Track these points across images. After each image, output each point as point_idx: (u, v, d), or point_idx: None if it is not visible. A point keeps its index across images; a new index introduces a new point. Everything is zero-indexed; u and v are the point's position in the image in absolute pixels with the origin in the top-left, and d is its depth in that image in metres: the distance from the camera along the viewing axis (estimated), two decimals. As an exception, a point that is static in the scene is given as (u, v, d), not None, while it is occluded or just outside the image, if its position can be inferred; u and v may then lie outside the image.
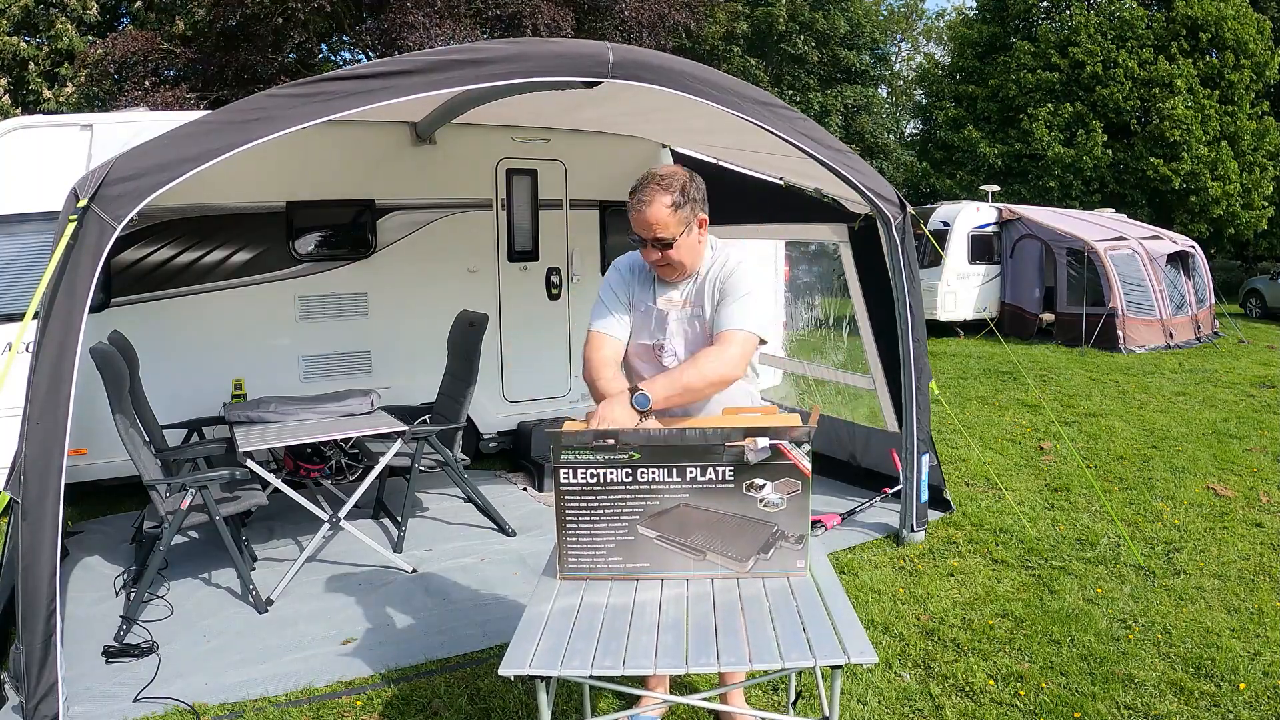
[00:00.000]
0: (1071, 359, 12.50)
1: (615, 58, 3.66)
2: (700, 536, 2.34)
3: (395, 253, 6.15)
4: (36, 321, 2.98)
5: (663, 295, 2.70)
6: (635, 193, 2.58)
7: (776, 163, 5.42)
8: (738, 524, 2.33)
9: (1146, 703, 3.23)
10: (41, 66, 15.39)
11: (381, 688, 3.37)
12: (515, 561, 4.67)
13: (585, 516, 2.33)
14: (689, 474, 2.30)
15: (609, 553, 2.36)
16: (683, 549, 2.35)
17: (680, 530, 2.34)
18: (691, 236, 2.61)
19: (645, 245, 2.60)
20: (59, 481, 2.96)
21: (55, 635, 2.96)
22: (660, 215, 2.53)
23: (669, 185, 2.56)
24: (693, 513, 2.32)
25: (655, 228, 2.54)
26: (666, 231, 2.56)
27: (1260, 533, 5.06)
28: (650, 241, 2.57)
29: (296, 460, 5.07)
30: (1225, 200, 23.06)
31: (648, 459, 2.29)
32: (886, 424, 5.63)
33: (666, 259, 2.61)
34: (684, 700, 2.37)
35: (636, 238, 2.61)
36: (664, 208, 2.53)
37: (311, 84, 3.24)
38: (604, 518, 2.33)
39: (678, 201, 2.55)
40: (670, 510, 2.32)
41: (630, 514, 2.32)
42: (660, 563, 2.35)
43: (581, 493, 2.32)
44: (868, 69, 32.20)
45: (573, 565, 2.37)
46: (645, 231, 2.56)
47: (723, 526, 2.32)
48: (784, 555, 2.34)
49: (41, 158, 5.12)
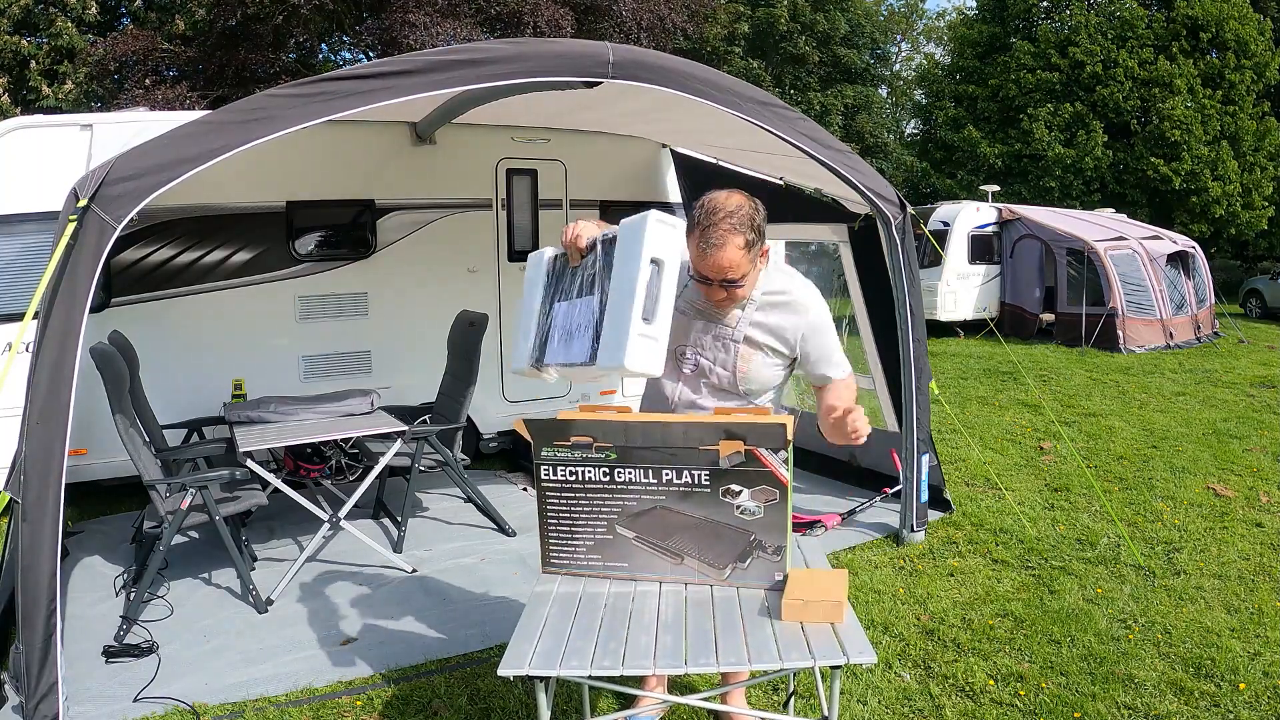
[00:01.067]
0: (1071, 359, 12.50)
1: (615, 58, 3.66)
2: (678, 540, 2.30)
3: (395, 253, 6.15)
4: (36, 321, 2.98)
5: (702, 303, 2.48)
6: (703, 230, 2.28)
7: (776, 163, 5.42)
8: (715, 529, 2.27)
9: (1146, 703, 3.23)
10: (42, 65, 15.40)
11: (381, 688, 3.37)
12: (515, 561, 4.67)
13: (565, 513, 2.34)
14: (664, 476, 2.24)
15: (588, 550, 2.36)
16: (661, 551, 2.33)
17: (659, 532, 2.31)
18: (756, 270, 2.40)
19: (710, 285, 2.35)
20: (59, 481, 2.95)
21: (55, 635, 2.96)
22: (734, 258, 2.27)
23: (741, 224, 2.28)
24: (670, 515, 2.28)
25: (728, 271, 2.29)
26: (738, 273, 2.31)
27: (1260, 533, 5.06)
28: (718, 282, 2.33)
29: (296, 460, 5.07)
30: (1225, 200, 23.06)
31: (623, 459, 2.26)
32: (886, 424, 5.63)
33: (732, 298, 2.39)
34: (684, 700, 2.37)
35: (697, 275, 2.36)
36: (738, 250, 2.27)
37: (311, 84, 3.24)
38: (583, 516, 2.33)
39: (751, 241, 2.30)
40: (648, 511, 2.30)
41: (609, 513, 2.31)
42: (639, 564, 2.34)
43: (561, 490, 2.32)
44: (868, 69, 32.20)
45: (554, 560, 2.40)
46: (715, 275, 2.31)
47: (700, 531, 2.28)
48: (761, 566, 2.25)
49: (41, 158, 5.12)
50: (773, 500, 2.21)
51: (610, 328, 2.25)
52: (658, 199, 7.06)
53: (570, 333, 2.42)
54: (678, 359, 2.53)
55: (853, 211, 5.39)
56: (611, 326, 2.24)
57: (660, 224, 2.25)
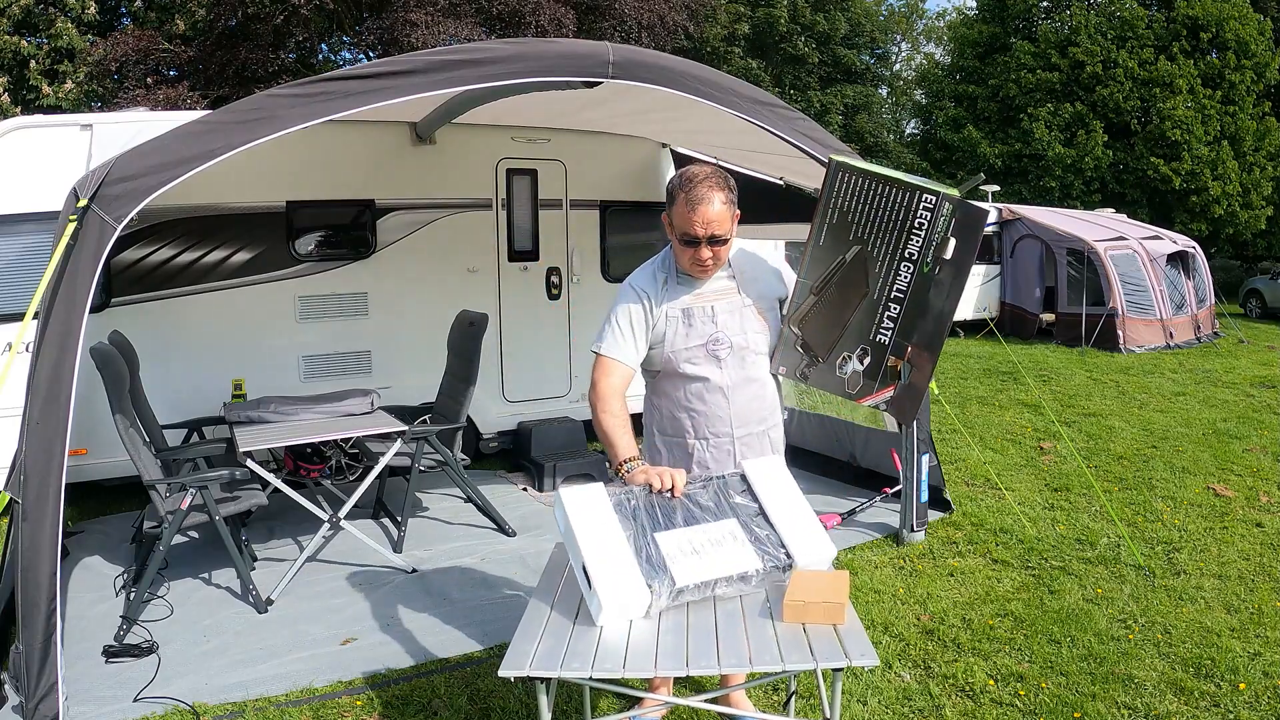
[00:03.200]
0: (1071, 359, 12.50)
1: (615, 58, 3.66)
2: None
3: (395, 253, 6.15)
4: (36, 321, 2.98)
5: (699, 291, 2.65)
6: (686, 192, 2.50)
7: (776, 163, 5.42)
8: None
9: (1146, 703, 3.23)
10: (42, 65, 15.40)
11: (381, 688, 3.37)
12: (515, 561, 4.67)
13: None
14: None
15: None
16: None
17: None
18: (733, 231, 2.61)
19: (698, 244, 2.53)
20: (59, 481, 2.95)
21: (55, 635, 2.96)
22: (720, 211, 2.50)
23: (722, 182, 2.53)
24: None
25: (714, 224, 2.50)
26: (723, 228, 2.52)
27: (1260, 533, 5.06)
28: (705, 240, 2.52)
29: (296, 460, 5.07)
30: (1225, 200, 23.06)
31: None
32: (886, 424, 5.63)
33: (716, 256, 2.57)
34: (685, 702, 2.37)
35: (686, 236, 2.53)
36: (722, 204, 2.51)
37: (312, 84, 3.24)
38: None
39: (730, 198, 2.54)
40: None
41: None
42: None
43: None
44: (868, 69, 32.18)
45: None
46: (703, 229, 2.50)
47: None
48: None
49: (41, 158, 5.11)
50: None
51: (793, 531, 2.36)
52: (658, 199, 7.06)
53: (698, 550, 2.32)
54: (711, 349, 2.65)
55: (853, 211, 5.38)
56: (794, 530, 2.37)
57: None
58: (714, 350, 2.64)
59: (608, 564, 2.16)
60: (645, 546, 2.23)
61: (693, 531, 2.30)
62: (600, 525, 2.25)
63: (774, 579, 2.28)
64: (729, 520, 2.35)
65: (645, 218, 6.92)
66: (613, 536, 2.23)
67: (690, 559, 2.23)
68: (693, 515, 2.35)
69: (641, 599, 2.12)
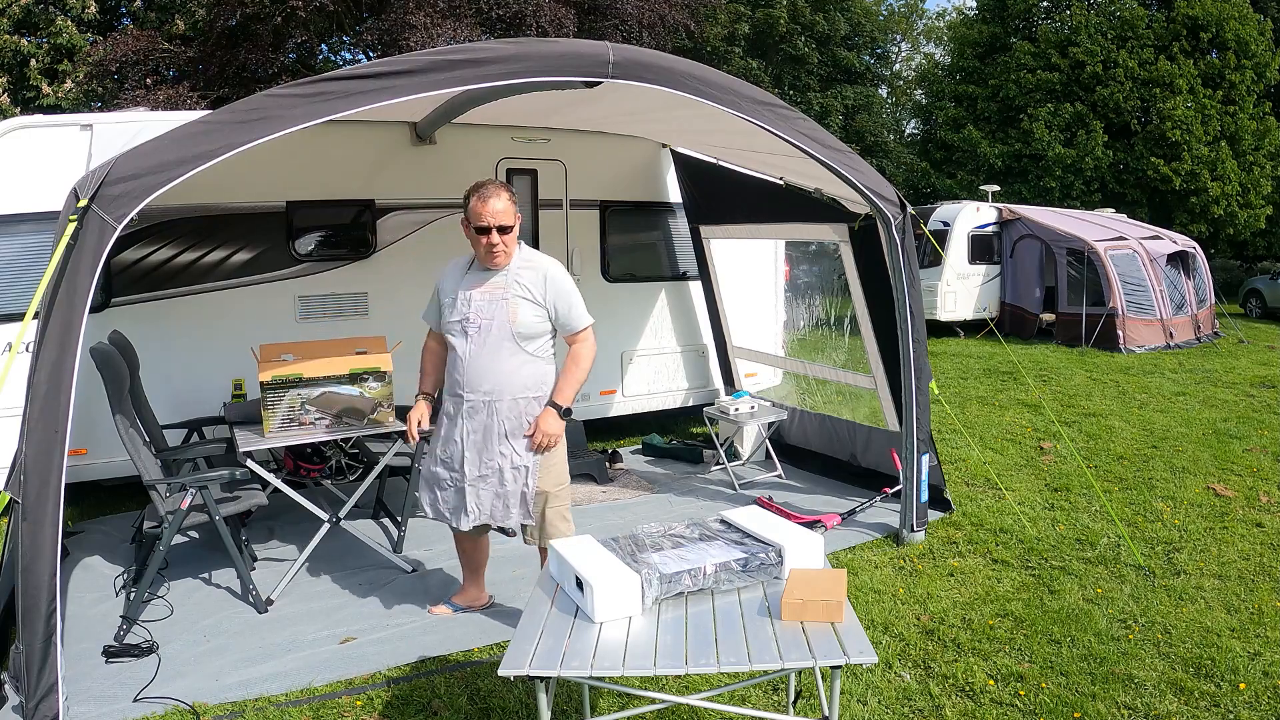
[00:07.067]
0: (1071, 359, 12.50)
1: (615, 58, 3.66)
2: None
3: (395, 253, 6.14)
4: (36, 321, 2.98)
5: (475, 283, 3.52)
6: (478, 192, 3.41)
7: (776, 163, 5.42)
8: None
9: (1146, 703, 3.23)
10: (42, 64, 15.40)
11: (381, 688, 3.38)
12: (515, 561, 4.67)
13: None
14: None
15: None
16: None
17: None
18: (516, 230, 3.48)
19: (488, 232, 3.39)
20: (59, 481, 2.95)
21: (55, 635, 2.97)
22: (505, 205, 3.42)
23: (504, 187, 3.46)
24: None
25: (500, 215, 3.40)
26: (508, 218, 3.43)
27: (1260, 533, 5.06)
28: (495, 228, 3.39)
29: (296, 460, 5.07)
30: (1224, 200, 23.05)
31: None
32: (887, 423, 5.63)
33: (504, 244, 3.43)
34: (685, 700, 2.37)
35: (480, 226, 3.40)
36: (506, 200, 3.43)
37: (311, 84, 3.24)
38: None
39: (513, 200, 3.47)
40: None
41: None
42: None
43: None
44: (868, 69, 32.17)
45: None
46: (492, 219, 3.39)
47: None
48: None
49: (41, 158, 5.11)
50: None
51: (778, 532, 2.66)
52: (658, 199, 7.06)
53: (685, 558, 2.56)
54: (464, 328, 3.50)
55: (853, 211, 5.38)
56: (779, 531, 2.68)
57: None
58: (466, 327, 3.50)
59: (598, 566, 2.39)
60: (632, 556, 2.55)
61: (678, 550, 2.59)
62: (589, 548, 2.60)
63: (767, 572, 2.36)
64: (714, 540, 2.65)
65: (645, 218, 6.91)
66: (601, 553, 2.56)
67: (678, 561, 2.47)
68: (679, 543, 2.65)
69: (633, 586, 2.30)
